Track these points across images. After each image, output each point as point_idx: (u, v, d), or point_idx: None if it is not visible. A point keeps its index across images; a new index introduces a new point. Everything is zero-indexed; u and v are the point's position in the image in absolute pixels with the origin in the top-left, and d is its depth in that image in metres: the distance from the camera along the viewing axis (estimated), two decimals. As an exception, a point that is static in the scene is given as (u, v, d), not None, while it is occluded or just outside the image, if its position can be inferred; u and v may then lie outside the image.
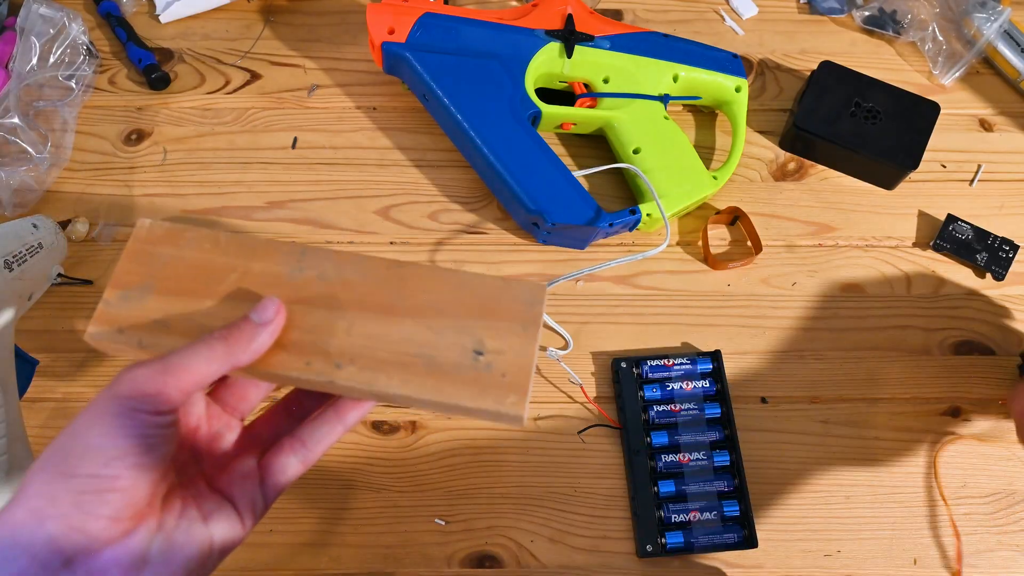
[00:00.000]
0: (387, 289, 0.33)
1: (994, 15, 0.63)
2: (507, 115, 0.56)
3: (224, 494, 0.31)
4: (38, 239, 0.51)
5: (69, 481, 0.26)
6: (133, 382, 0.28)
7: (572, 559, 0.51)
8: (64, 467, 0.27)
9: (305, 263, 0.33)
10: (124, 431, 0.27)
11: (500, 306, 0.32)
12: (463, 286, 0.33)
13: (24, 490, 0.27)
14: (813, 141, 0.61)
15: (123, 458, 0.27)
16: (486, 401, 0.31)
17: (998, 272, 0.59)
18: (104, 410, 0.27)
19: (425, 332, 0.32)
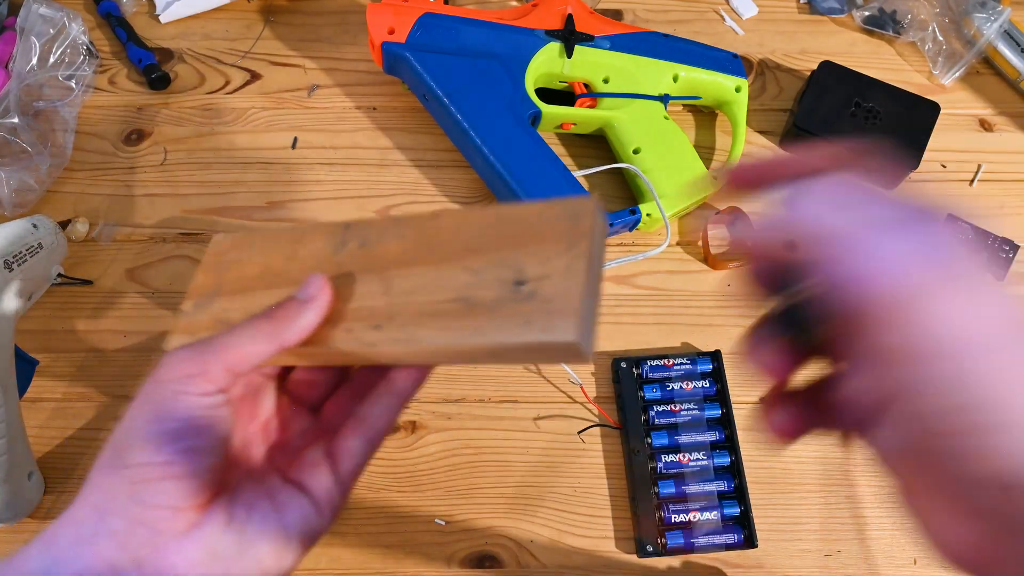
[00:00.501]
0: (425, 241, 0.30)
1: (994, 15, 0.63)
2: (507, 115, 0.56)
3: (298, 485, 0.30)
4: (38, 239, 0.51)
5: (123, 472, 0.26)
6: (174, 365, 0.27)
7: (572, 559, 0.51)
8: (117, 460, 0.26)
9: (348, 236, 0.32)
10: (170, 415, 0.26)
11: (543, 230, 0.28)
12: (501, 220, 0.29)
13: (85, 488, 0.26)
14: (813, 141, 0.61)
15: (173, 442, 0.26)
16: (532, 332, 0.26)
17: (998, 272, 0.59)
18: (148, 396, 0.27)
19: (462, 274, 0.29)
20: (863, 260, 0.20)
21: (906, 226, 0.21)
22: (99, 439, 0.53)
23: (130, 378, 0.55)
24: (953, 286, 0.20)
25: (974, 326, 0.19)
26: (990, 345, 0.19)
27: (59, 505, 0.52)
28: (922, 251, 0.20)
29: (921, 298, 0.19)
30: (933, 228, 0.20)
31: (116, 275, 0.58)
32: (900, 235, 0.20)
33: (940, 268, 0.20)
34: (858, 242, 0.21)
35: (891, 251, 0.20)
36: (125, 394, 0.54)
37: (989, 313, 0.19)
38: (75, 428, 0.53)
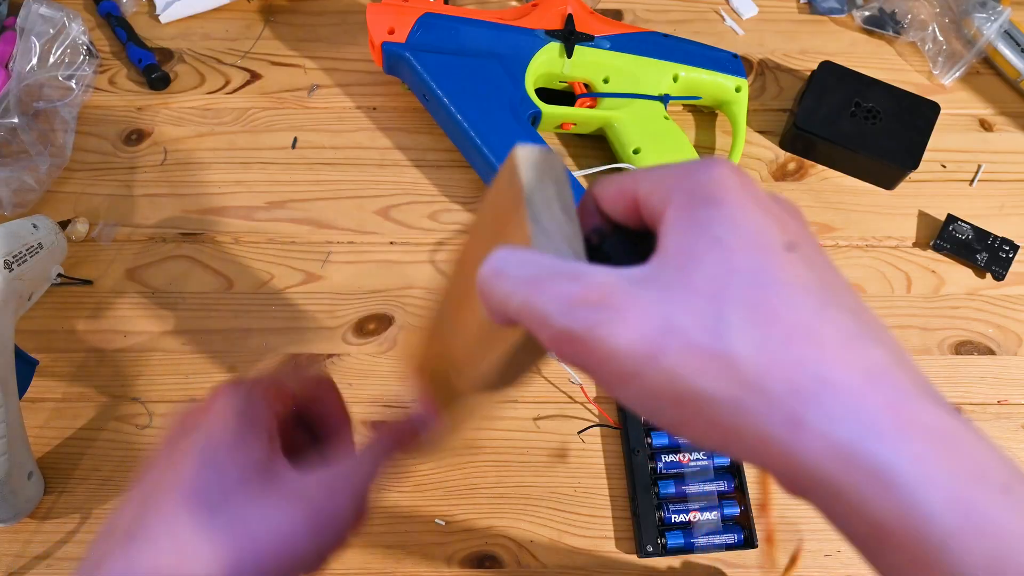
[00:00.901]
0: (462, 274, 0.29)
1: (994, 15, 0.63)
2: (507, 115, 0.56)
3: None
4: (38, 239, 0.51)
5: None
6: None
7: (572, 559, 0.51)
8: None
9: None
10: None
11: (502, 207, 0.26)
12: (485, 217, 0.27)
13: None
14: (813, 141, 0.61)
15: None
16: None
17: (998, 272, 0.59)
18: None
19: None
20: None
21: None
22: (99, 439, 0.53)
23: (130, 378, 0.55)
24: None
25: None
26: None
27: (59, 505, 0.52)
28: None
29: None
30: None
31: (116, 275, 0.58)
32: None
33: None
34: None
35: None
36: (125, 394, 0.54)
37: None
38: (75, 428, 0.53)
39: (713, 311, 0.19)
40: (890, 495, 0.17)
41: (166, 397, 0.54)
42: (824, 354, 0.19)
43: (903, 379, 0.19)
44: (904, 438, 0.18)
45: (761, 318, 0.19)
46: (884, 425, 0.18)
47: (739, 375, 0.19)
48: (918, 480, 0.17)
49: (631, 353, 0.19)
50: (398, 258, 0.59)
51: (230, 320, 0.57)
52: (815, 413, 0.18)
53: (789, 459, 0.19)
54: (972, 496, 0.17)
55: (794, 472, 0.19)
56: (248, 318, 0.57)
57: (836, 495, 0.18)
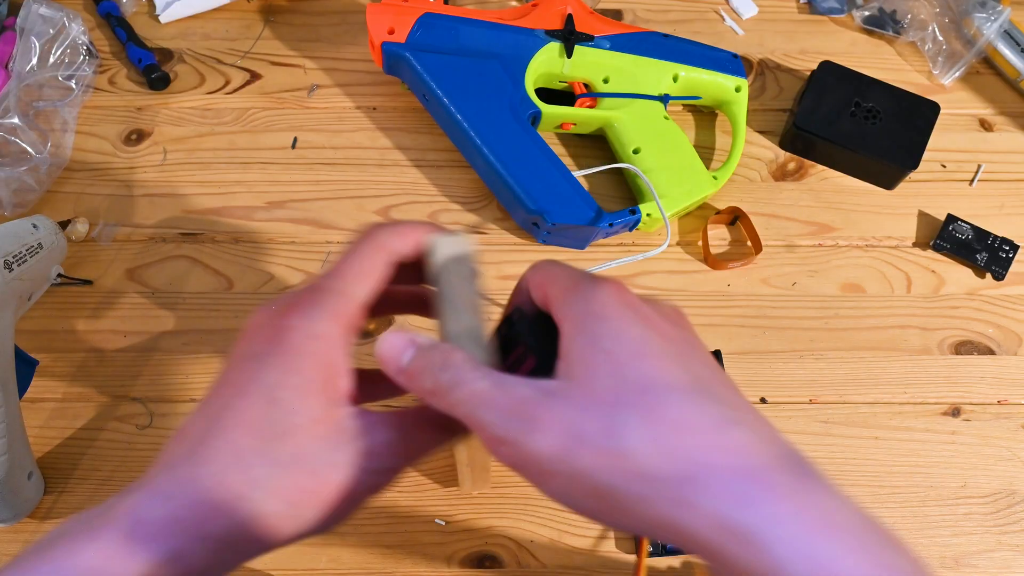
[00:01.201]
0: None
1: (994, 15, 0.63)
2: (507, 115, 0.56)
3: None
4: (38, 239, 0.51)
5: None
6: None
7: (572, 559, 0.51)
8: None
9: None
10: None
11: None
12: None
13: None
14: (813, 141, 0.61)
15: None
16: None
17: (998, 272, 0.59)
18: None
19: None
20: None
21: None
22: (99, 439, 0.53)
23: (130, 378, 0.55)
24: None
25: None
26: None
27: (59, 505, 0.52)
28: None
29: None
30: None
31: (116, 275, 0.58)
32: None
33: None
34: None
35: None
36: (125, 394, 0.54)
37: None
38: (75, 428, 0.53)
39: (610, 417, 0.23)
40: (757, 554, 0.21)
41: (166, 397, 0.54)
42: (701, 442, 0.23)
43: (765, 453, 0.23)
44: (766, 502, 0.22)
45: (649, 418, 0.23)
46: (752, 495, 0.22)
47: (636, 468, 0.23)
48: (775, 538, 0.21)
49: (549, 456, 0.24)
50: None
51: (230, 320, 0.57)
52: (699, 494, 0.22)
53: (682, 532, 0.22)
54: (820, 547, 0.21)
55: (689, 542, 0.22)
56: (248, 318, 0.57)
57: (721, 558, 0.22)
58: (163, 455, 0.27)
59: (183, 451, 0.26)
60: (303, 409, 0.26)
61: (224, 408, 0.27)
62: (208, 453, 0.26)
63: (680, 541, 0.23)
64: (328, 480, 0.26)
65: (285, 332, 0.27)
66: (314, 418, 0.26)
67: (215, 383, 0.28)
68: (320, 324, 0.27)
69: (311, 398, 0.27)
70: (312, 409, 0.27)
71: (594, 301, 0.25)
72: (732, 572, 0.22)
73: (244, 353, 0.28)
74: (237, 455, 0.26)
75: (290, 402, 0.26)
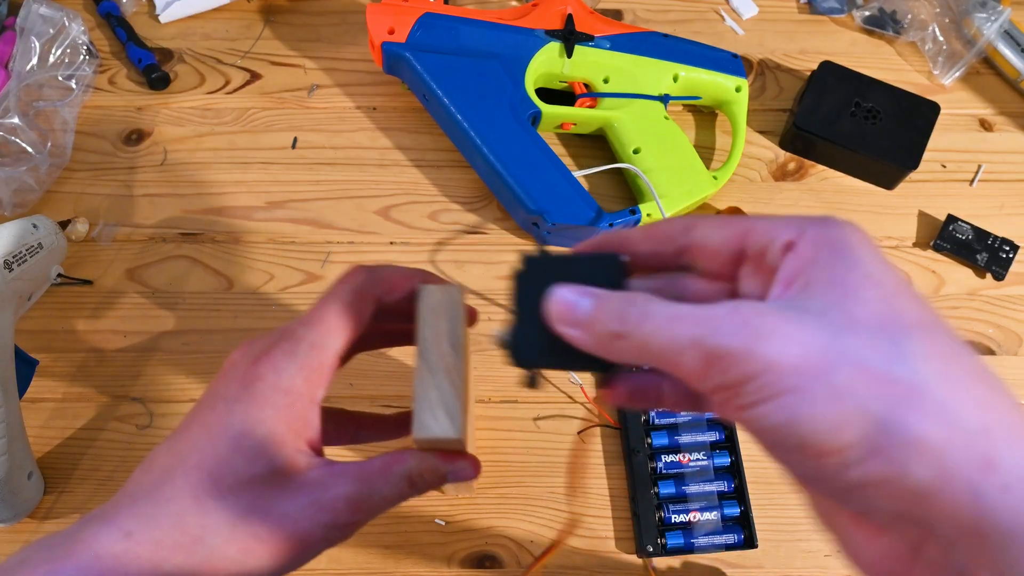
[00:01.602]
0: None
1: (994, 15, 0.63)
2: (507, 115, 0.56)
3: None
4: (38, 239, 0.51)
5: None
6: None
7: (572, 559, 0.51)
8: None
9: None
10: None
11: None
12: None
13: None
14: (813, 141, 0.61)
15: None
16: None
17: (998, 272, 0.59)
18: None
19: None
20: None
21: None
22: (99, 439, 0.53)
23: (130, 378, 0.55)
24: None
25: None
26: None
27: (59, 505, 0.52)
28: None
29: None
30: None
31: (116, 275, 0.58)
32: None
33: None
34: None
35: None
36: (125, 394, 0.54)
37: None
38: (75, 428, 0.53)
39: (887, 340, 0.20)
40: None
41: (166, 397, 0.54)
42: (1008, 404, 0.19)
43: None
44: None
45: (941, 355, 0.19)
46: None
47: (924, 404, 0.19)
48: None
49: (793, 367, 0.20)
50: (398, 258, 0.59)
51: (230, 320, 0.57)
52: (1011, 457, 0.18)
53: (975, 500, 0.18)
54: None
55: (975, 515, 0.18)
56: (248, 318, 0.57)
57: (1014, 539, 0.18)
58: (129, 483, 0.27)
59: (147, 484, 0.27)
60: (265, 459, 0.27)
61: (191, 448, 0.27)
62: (170, 493, 0.26)
63: (951, 505, 0.19)
64: (284, 531, 0.27)
65: (255, 381, 0.28)
66: (275, 469, 0.27)
67: (188, 416, 0.28)
68: (290, 379, 0.28)
69: (274, 448, 0.27)
70: (274, 460, 0.27)
71: (848, 229, 0.22)
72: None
73: (216, 393, 0.28)
74: (196, 499, 0.26)
75: (253, 451, 0.27)
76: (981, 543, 0.19)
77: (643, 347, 0.23)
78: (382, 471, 0.29)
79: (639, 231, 0.27)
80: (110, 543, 0.25)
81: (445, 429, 0.29)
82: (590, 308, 0.24)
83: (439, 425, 0.29)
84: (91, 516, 0.27)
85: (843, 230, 0.22)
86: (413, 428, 0.29)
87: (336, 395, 0.55)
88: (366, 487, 0.28)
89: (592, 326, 0.24)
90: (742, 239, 0.24)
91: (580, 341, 0.25)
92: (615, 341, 0.23)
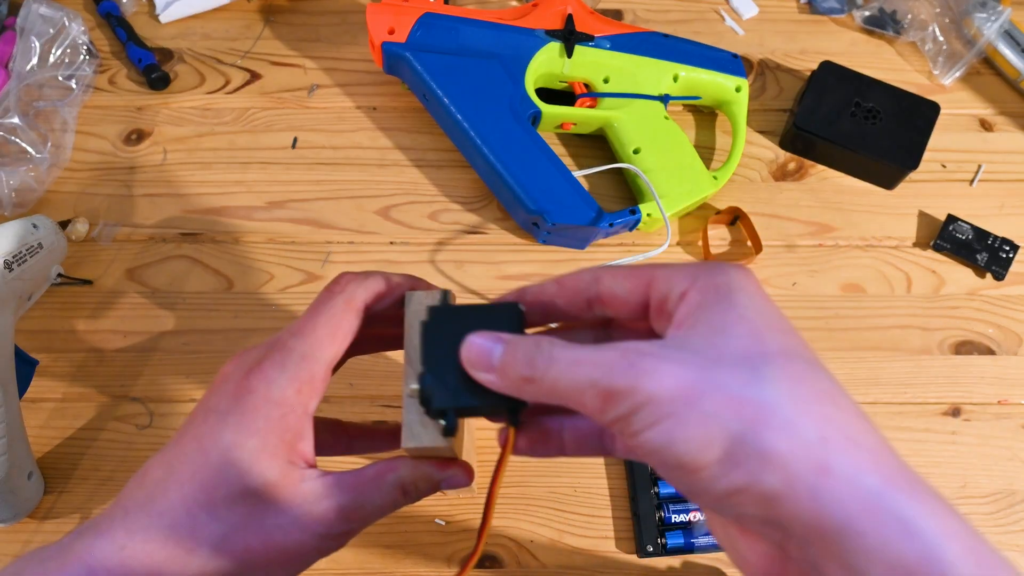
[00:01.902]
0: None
1: (994, 15, 0.63)
2: (507, 115, 0.56)
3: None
4: (38, 239, 0.51)
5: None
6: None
7: (572, 559, 0.51)
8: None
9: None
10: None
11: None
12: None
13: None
14: (813, 141, 0.61)
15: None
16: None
17: (998, 272, 0.59)
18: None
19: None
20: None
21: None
22: (99, 439, 0.53)
23: (130, 378, 0.55)
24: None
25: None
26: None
27: (59, 505, 0.52)
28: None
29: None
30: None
31: (116, 275, 0.58)
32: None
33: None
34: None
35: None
36: (125, 394, 0.54)
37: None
38: (75, 428, 0.53)
39: (747, 368, 0.23)
40: (915, 541, 0.20)
41: (166, 397, 0.54)
42: (846, 417, 0.22)
43: (897, 456, 0.23)
44: (918, 497, 0.21)
45: (792, 378, 0.23)
46: (901, 482, 0.21)
47: (772, 420, 0.22)
48: (937, 531, 0.20)
49: (669, 398, 0.23)
50: (398, 258, 0.59)
51: (230, 320, 0.57)
52: (843, 463, 0.21)
53: (813, 501, 0.21)
54: (982, 550, 0.21)
55: (815, 514, 0.21)
56: (248, 318, 0.57)
57: (859, 536, 0.21)
58: (123, 495, 0.28)
59: (141, 497, 0.27)
60: (257, 472, 0.27)
61: (183, 460, 0.27)
62: (163, 505, 0.26)
63: (801, 511, 0.21)
64: (275, 543, 0.27)
65: (246, 394, 0.28)
66: (267, 481, 0.27)
67: (181, 428, 0.28)
68: (281, 391, 0.28)
69: (266, 461, 0.27)
70: (266, 473, 0.27)
71: (732, 275, 0.25)
72: (871, 552, 0.21)
73: (208, 405, 0.28)
74: (189, 512, 0.26)
75: (245, 464, 0.27)
76: (823, 539, 0.21)
77: (551, 390, 0.25)
78: (374, 480, 0.29)
79: (552, 284, 0.29)
80: (103, 555, 0.25)
81: (434, 438, 0.29)
82: (501, 354, 0.26)
83: (428, 434, 0.29)
84: (85, 527, 0.27)
85: (728, 277, 0.25)
86: (402, 437, 0.29)
87: (336, 395, 0.55)
88: (358, 497, 0.29)
89: (504, 370, 0.26)
90: (646, 289, 0.27)
91: (494, 384, 0.27)
92: (526, 384, 0.26)
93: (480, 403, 0.28)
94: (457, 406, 0.28)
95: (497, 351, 0.26)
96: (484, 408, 0.28)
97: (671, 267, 0.26)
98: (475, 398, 0.28)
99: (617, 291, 0.27)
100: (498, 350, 0.26)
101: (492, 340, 0.27)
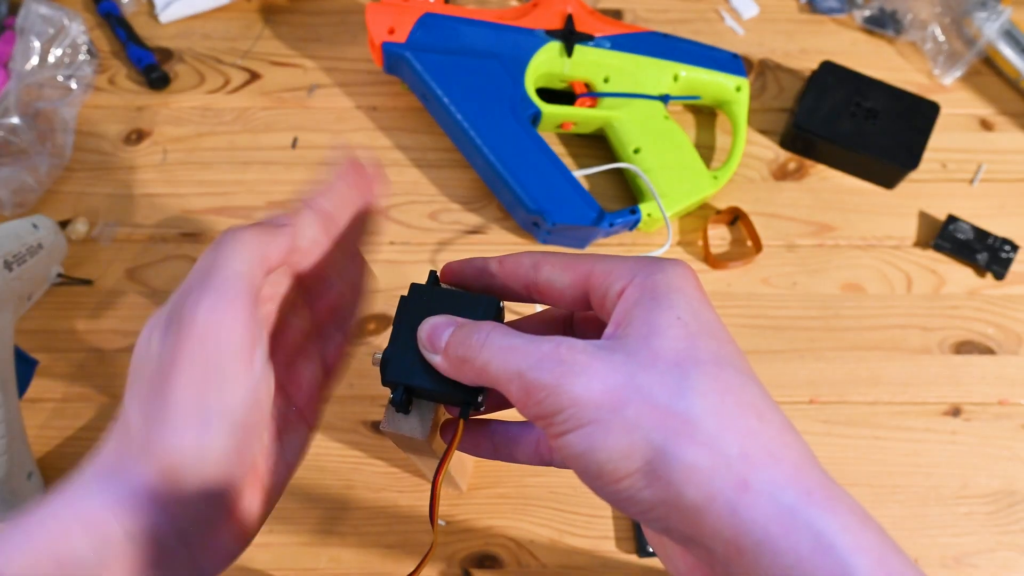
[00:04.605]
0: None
1: (995, 15, 0.63)
2: (507, 115, 0.56)
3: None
4: (38, 239, 0.51)
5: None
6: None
7: (572, 559, 0.51)
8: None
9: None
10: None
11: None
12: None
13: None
14: (813, 141, 0.61)
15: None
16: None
17: (998, 272, 0.59)
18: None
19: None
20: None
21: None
22: (99, 439, 0.53)
23: (130, 378, 0.55)
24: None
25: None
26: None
27: (59, 505, 0.51)
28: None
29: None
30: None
31: (116, 275, 0.58)
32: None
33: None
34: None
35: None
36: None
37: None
38: (75, 428, 0.53)
39: (676, 376, 0.22)
40: (828, 557, 0.20)
41: (166, 397, 0.54)
42: (770, 431, 0.22)
43: (818, 468, 0.22)
44: (834, 511, 0.21)
45: (719, 390, 0.22)
46: (818, 497, 0.21)
47: (695, 434, 0.21)
48: (850, 546, 0.20)
49: (593, 402, 0.22)
50: (398, 258, 0.59)
51: (230, 320, 0.56)
52: (763, 479, 0.21)
53: (732, 518, 0.21)
54: (893, 563, 0.21)
55: (734, 530, 0.21)
56: (248, 318, 0.57)
57: (775, 553, 0.21)
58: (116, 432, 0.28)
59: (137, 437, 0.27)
60: (233, 393, 0.26)
61: (166, 377, 0.27)
62: (161, 422, 0.26)
63: (721, 528, 0.21)
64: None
65: (216, 312, 0.26)
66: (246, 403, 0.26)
67: (166, 341, 0.28)
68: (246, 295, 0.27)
69: (241, 382, 0.26)
70: (245, 395, 0.26)
71: (671, 274, 0.25)
72: (787, 570, 0.21)
73: (189, 316, 0.27)
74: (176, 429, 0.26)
75: (223, 381, 0.26)
76: (741, 556, 0.21)
77: (482, 372, 0.25)
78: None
79: (496, 261, 0.29)
80: (131, 473, 0.27)
81: (412, 427, 0.31)
82: (449, 336, 0.26)
83: (406, 423, 0.31)
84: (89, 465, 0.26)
85: (666, 275, 0.25)
86: (383, 421, 0.31)
87: (336, 395, 0.55)
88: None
89: (447, 351, 0.26)
90: (584, 283, 0.26)
91: (438, 365, 0.27)
92: (462, 365, 0.26)
93: (432, 387, 0.28)
94: (407, 383, 0.28)
95: (447, 333, 0.27)
96: (436, 393, 0.29)
97: (611, 261, 0.26)
98: (427, 381, 0.28)
99: (555, 283, 0.27)
100: (448, 332, 0.27)
101: (447, 323, 0.27)
